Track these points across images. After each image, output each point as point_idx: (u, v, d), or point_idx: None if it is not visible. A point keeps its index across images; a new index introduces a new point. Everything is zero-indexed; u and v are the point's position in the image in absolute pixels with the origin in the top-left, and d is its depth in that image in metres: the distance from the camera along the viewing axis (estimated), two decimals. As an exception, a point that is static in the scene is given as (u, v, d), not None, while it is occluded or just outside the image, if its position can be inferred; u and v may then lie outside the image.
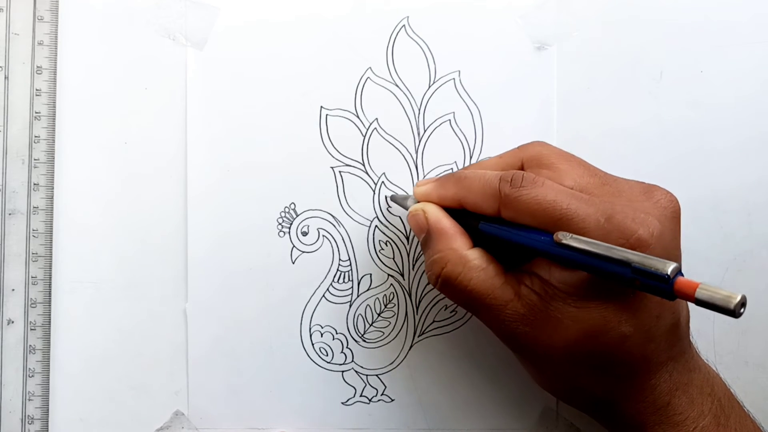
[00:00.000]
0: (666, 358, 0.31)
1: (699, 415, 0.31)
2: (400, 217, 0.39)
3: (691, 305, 0.27)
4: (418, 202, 0.35)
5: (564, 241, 0.28)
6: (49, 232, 0.38)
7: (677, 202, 0.31)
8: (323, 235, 0.39)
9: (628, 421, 0.31)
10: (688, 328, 0.32)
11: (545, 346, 0.30)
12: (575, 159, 0.33)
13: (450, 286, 0.32)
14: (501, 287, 0.31)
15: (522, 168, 0.33)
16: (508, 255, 0.32)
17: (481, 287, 0.31)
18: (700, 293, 0.26)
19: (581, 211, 0.29)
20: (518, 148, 0.34)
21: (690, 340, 0.32)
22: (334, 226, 0.39)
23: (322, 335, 0.39)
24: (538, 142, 0.34)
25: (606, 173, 0.32)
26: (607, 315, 0.29)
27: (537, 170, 0.32)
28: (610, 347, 0.30)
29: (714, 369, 0.33)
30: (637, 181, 0.32)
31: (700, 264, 0.38)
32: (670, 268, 0.26)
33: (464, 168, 0.35)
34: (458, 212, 0.33)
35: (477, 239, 0.33)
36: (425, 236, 0.33)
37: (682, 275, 0.27)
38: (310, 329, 0.39)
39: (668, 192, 0.31)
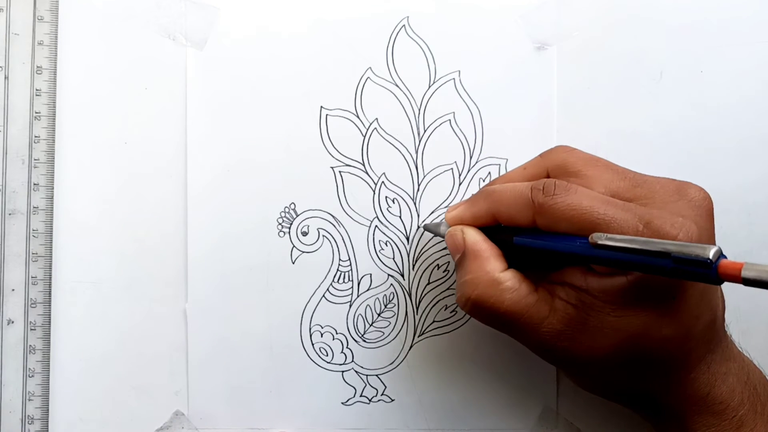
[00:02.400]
0: (704, 352, 0.31)
1: (739, 403, 0.31)
2: (399, 217, 0.39)
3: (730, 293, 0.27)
4: (450, 227, 0.34)
5: (600, 242, 0.28)
6: (49, 232, 0.38)
7: (710, 198, 0.31)
8: (323, 235, 0.39)
9: (668, 412, 0.32)
10: (724, 320, 0.32)
11: (584, 356, 0.30)
12: (602, 162, 0.32)
13: (481, 309, 0.32)
14: (535, 305, 0.31)
15: (548, 177, 0.33)
16: (544, 267, 0.32)
17: (515, 308, 0.31)
18: (746, 273, 0.25)
19: (618, 216, 0.29)
20: (541, 156, 0.34)
21: (725, 330, 0.32)
22: (334, 226, 0.39)
23: (322, 335, 0.39)
24: (562, 147, 0.33)
25: (636, 173, 0.32)
26: (647, 321, 0.29)
27: (565, 178, 0.31)
28: (651, 350, 0.30)
29: (748, 356, 0.33)
30: (669, 179, 0.31)
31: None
32: (711, 251, 0.26)
33: (489, 183, 0.35)
34: (493, 229, 0.33)
35: (512, 254, 0.32)
36: (460, 257, 0.33)
37: (725, 257, 0.26)
38: (310, 329, 0.39)
39: (700, 188, 0.31)
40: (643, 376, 0.31)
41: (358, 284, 0.39)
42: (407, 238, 0.39)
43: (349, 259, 0.39)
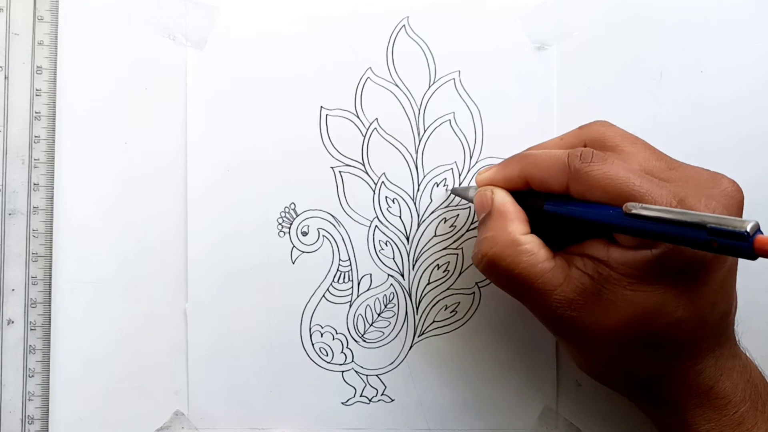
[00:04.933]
0: (714, 344, 0.31)
1: (741, 400, 0.31)
2: (400, 217, 0.39)
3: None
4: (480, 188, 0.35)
5: (634, 211, 0.28)
6: (49, 232, 0.38)
7: (742, 192, 0.31)
8: (323, 235, 0.39)
9: (668, 402, 0.32)
10: (734, 318, 0.32)
11: (593, 329, 0.30)
12: (640, 141, 0.32)
13: (496, 267, 0.32)
14: (550, 271, 0.31)
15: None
16: (567, 238, 0.32)
17: (530, 271, 0.31)
18: None
19: (653, 191, 0.29)
20: (579, 128, 0.34)
21: (734, 328, 0.33)
22: (334, 226, 0.39)
23: (322, 335, 0.39)
24: (601, 122, 0.34)
25: (671, 158, 0.32)
26: (664, 299, 0.29)
27: (602, 151, 0.31)
28: (662, 330, 0.30)
29: (750, 356, 0.33)
30: (703, 169, 0.32)
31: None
32: (749, 225, 0.25)
33: (525, 150, 0.35)
34: (523, 195, 0.33)
35: (539, 222, 0.32)
36: (485, 216, 0.33)
37: (762, 233, 0.26)
38: (310, 329, 0.39)
39: (734, 181, 0.31)
40: (650, 360, 0.31)
41: (358, 284, 0.39)
42: (407, 238, 0.39)
43: (349, 259, 0.39)
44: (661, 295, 0.29)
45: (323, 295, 0.39)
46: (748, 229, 0.25)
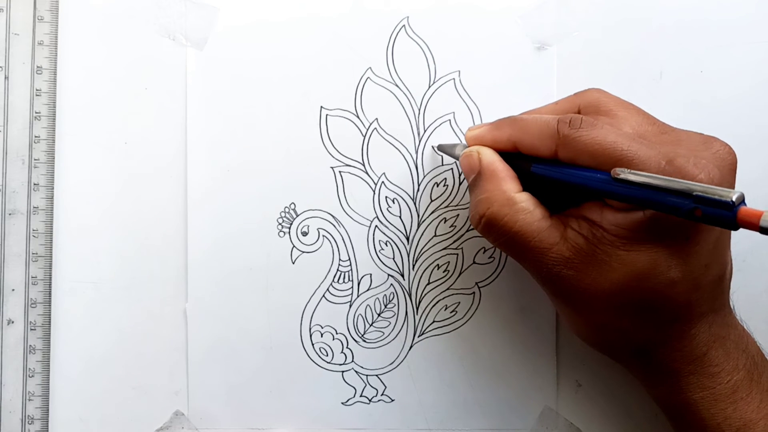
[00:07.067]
0: (707, 309, 0.31)
1: (734, 368, 0.31)
2: (399, 217, 0.39)
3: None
4: (468, 147, 0.35)
5: (622, 176, 0.28)
6: (49, 232, 0.38)
7: (734, 154, 0.31)
8: (323, 235, 0.39)
9: (663, 369, 0.32)
10: (730, 284, 0.32)
11: (588, 290, 0.31)
12: (633, 107, 0.33)
13: (494, 227, 0.32)
14: (547, 230, 0.31)
15: (579, 114, 0.33)
16: (557, 199, 0.32)
17: (527, 229, 0.31)
18: (765, 221, 0.25)
19: (642, 153, 0.29)
20: (574, 94, 0.34)
21: (730, 297, 0.33)
22: (334, 226, 0.39)
23: (322, 335, 0.39)
24: (595, 89, 0.34)
25: (664, 123, 0.32)
26: (657, 259, 0.29)
27: (595, 117, 0.32)
28: (656, 292, 0.30)
29: (748, 329, 0.33)
30: (696, 132, 0.32)
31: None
32: (734, 195, 0.26)
33: (519, 114, 0.35)
34: (509, 156, 0.33)
35: (527, 183, 0.33)
36: (475, 177, 0.34)
37: (746, 205, 0.26)
38: (310, 329, 0.39)
39: (726, 144, 0.31)
40: (644, 324, 0.31)
41: (358, 284, 0.39)
42: (407, 238, 0.39)
43: (349, 259, 0.39)
44: (654, 254, 0.29)
45: (323, 295, 0.39)
46: (734, 199, 0.26)
